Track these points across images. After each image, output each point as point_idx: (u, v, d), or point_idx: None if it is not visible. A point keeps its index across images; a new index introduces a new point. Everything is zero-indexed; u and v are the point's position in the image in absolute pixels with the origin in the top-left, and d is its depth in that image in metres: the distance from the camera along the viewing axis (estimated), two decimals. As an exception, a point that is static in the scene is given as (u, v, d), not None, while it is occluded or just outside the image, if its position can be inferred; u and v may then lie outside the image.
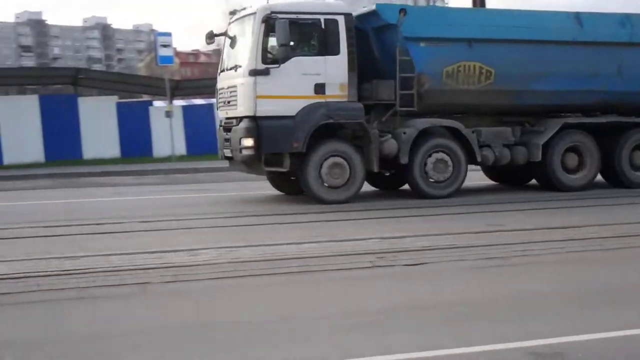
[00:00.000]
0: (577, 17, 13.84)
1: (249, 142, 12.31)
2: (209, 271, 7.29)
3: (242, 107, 12.41)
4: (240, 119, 12.54)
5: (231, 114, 12.91)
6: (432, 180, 13.16)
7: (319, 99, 12.49)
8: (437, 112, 13.42)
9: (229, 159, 13.28)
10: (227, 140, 13.05)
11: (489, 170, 15.91)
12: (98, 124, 25.98)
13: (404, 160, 12.97)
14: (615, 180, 14.52)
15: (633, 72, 14.13)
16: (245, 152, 12.40)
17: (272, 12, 12.30)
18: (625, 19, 14.16)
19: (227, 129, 13.08)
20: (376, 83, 13.10)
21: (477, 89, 13.30)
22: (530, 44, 13.47)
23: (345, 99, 12.64)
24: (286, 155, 12.49)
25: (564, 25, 13.73)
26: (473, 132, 13.47)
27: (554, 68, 13.63)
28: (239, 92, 12.46)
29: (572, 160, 14.07)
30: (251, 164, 12.87)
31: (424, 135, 13.15)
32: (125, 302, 6.30)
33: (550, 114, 14.13)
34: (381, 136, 12.96)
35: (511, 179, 15.59)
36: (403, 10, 12.84)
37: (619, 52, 14.04)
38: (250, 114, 12.30)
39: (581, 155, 14.11)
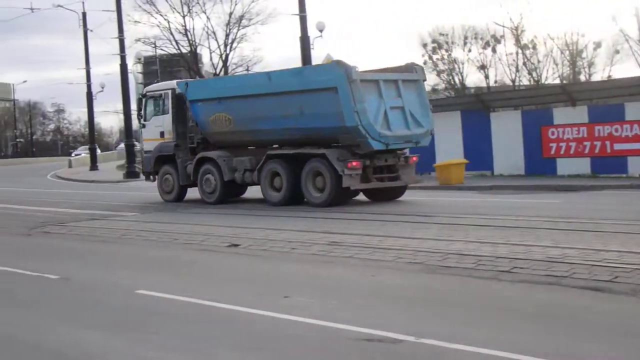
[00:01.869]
0: (269, 75, 18.16)
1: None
2: None
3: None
4: (150, 152, 22.44)
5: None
6: (206, 191, 20.08)
7: (162, 140, 21.30)
8: (223, 147, 20.03)
9: None
10: None
11: None
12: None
13: (191, 178, 20.38)
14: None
15: (312, 111, 17.36)
16: None
17: (147, 92, 21.84)
18: (297, 72, 17.47)
19: None
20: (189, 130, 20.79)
21: (227, 130, 19.50)
22: (244, 98, 18.80)
23: (170, 141, 21.02)
24: (152, 173, 21.83)
25: (260, 82, 18.36)
26: (225, 160, 19.55)
27: (264, 113, 18.44)
28: None
29: (277, 182, 18.33)
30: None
31: (202, 162, 20.15)
32: None
33: (286, 147, 18.60)
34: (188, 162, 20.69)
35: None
36: (187, 84, 20.36)
37: (299, 98, 17.52)
38: (141, 149, 22.20)
39: (282, 179, 18.18)
